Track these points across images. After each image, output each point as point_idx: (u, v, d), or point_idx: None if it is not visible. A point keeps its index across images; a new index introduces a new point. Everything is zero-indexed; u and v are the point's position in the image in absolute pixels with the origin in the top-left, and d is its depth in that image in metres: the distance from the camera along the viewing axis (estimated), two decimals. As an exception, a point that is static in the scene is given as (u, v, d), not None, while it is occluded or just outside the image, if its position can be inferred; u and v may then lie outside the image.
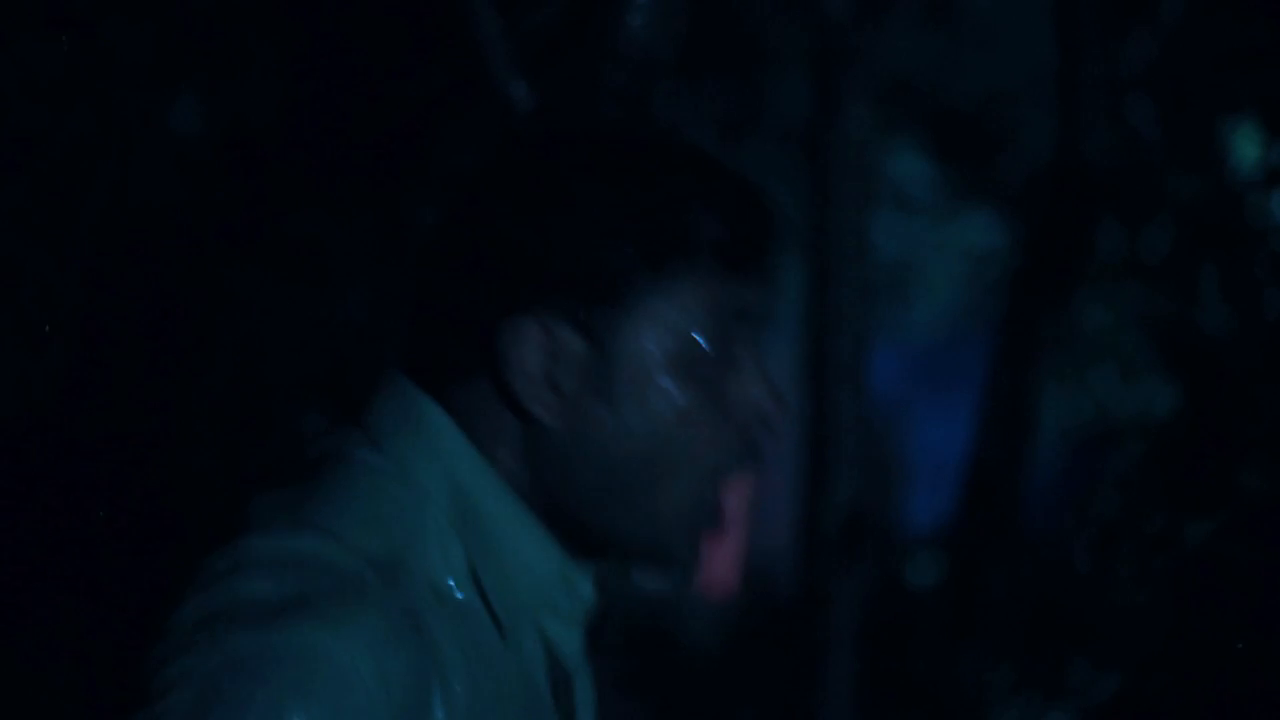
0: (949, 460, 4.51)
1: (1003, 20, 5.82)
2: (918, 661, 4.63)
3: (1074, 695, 4.04)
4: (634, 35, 2.43)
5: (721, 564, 7.28)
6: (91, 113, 3.81)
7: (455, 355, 1.63)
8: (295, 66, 3.96)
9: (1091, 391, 5.63)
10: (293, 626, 1.49)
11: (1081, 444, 6.01)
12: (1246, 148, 4.03)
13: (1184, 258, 4.03)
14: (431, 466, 1.62)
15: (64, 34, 3.77)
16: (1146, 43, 4.22)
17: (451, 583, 1.59)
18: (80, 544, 3.82)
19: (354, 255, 3.95)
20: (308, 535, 1.56)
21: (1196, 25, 4.13)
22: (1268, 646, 3.60)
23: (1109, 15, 4.15)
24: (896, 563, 5.87)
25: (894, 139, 5.80)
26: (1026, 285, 4.22)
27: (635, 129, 1.71)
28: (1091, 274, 4.32)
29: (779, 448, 1.71)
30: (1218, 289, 3.92)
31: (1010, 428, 4.20)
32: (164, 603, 1.55)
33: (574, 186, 1.62)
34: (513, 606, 1.60)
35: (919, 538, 6.06)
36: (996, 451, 4.21)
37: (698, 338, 1.63)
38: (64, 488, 3.84)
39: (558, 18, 2.68)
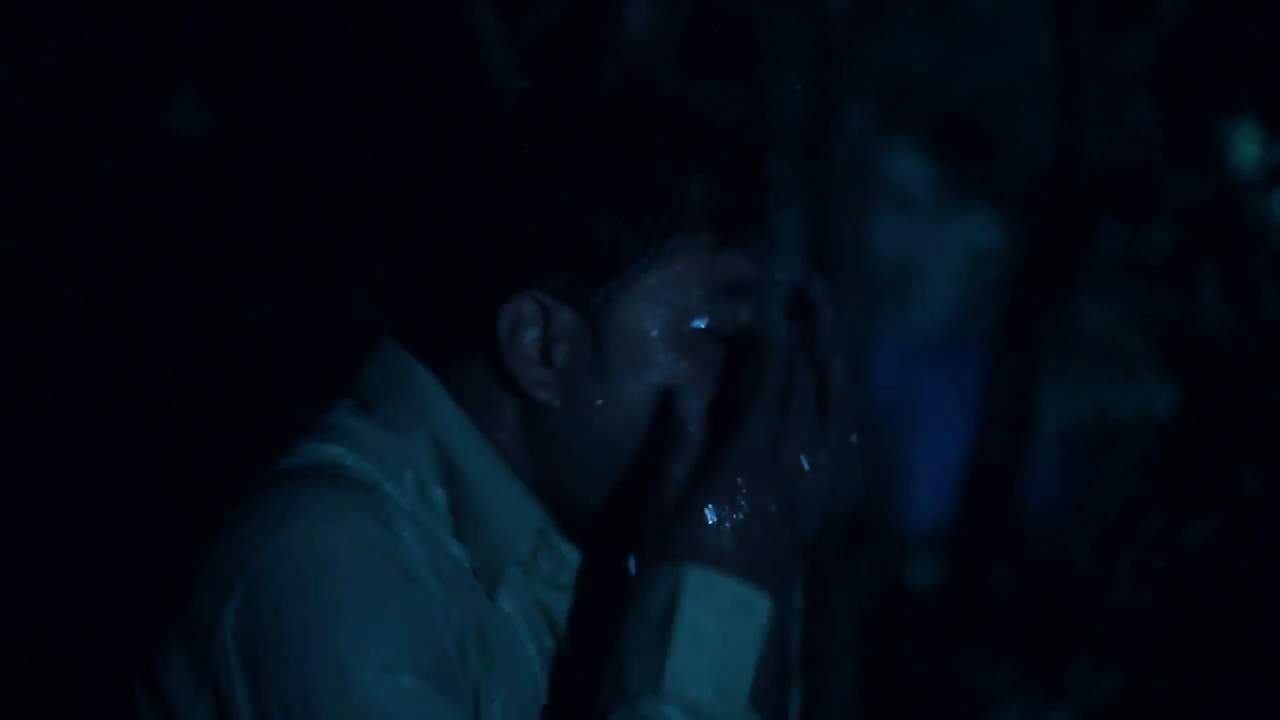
0: (949, 460, 4.51)
1: (1003, 20, 5.82)
2: (918, 661, 4.62)
3: (1074, 695, 4.04)
4: (634, 35, 2.42)
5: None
6: (91, 112, 3.81)
7: (454, 335, 1.61)
8: (296, 67, 3.96)
9: (1091, 391, 5.63)
10: (296, 529, 1.49)
11: (1081, 444, 6.01)
12: (1246, 148, 4.03)
13: (1184, 258, 4.02)
14: (417, 426, 1.60)
15: (63, 34, 3.77)
16: (1146, 43, 4.22)
17: (430, 518, 1.58)
18: (82, 544, 3.82)
19: (356, 255, 3.95)
20: (296, 458, 1.58)
21: (1196, 25, 4.13)
22: (1268, 646, 3.60)
23: (1109, 15, 4.15)
24: (896, 563, 5.86)
25: (894, 139, 5.80)
26: (1026, 285, 4.22)
27: (629, 95, 1.67)
28: (1091, 274, 4.32)
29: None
30: (1218, 289, 3.92)
31: (1010, 428, 4.20)
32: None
33: (565, 159, 1.57)
34: (488, 560, 1.58)
35: (919, 538, 6.06)
36: (996, 451, 4.21)
37: (696, 310, 1.59)
38: (66, 488, 3.84)
39: (558, 18, 2.68)
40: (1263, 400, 3.72)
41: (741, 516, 1.55)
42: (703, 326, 1.58)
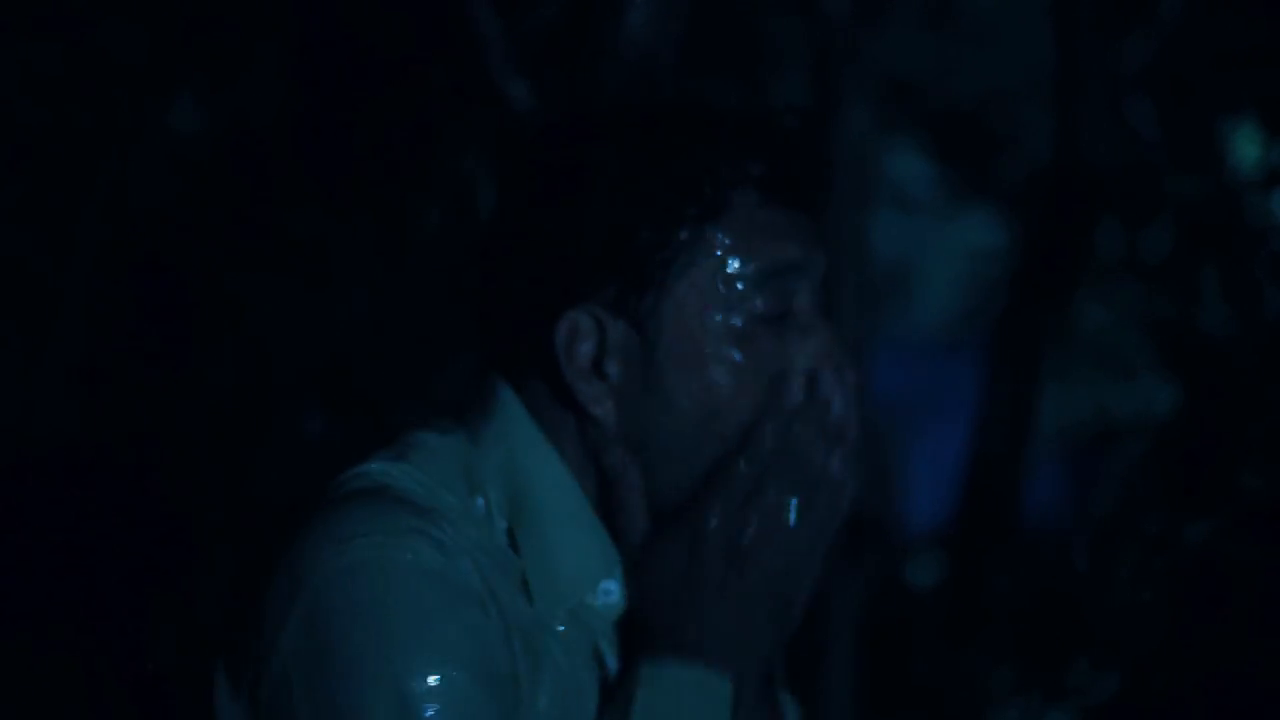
0: (949, 460, 4.51)
1: (1003, 20, 5.82)
2: (918, 661, 4.62)
3: (1074, 695, 4.04)
4: (634, 35, 2.42)
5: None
6: (91, 112, 3.81)
7: (521, 354, 1.61)
8: (295, 66, 3.96)
9: (1091, 391, 5.63)
10: (365, 545, 1.50)
11: (1081, 444, 6.01)
12: (1246, 148, 4.03)
13: (1184, 258, 4.02)
14: (497, 446, 1.60)
15: (63, 33, 3.77)
16: (1146, 43, 4.22)
17: (493, 546, 1.57)
18: (82, 544, 3.82)
19: (355, 255, 3.95)
20: (363, 477, 1.58)
21: (1196, 25, 4.12)
22: (1268, 646, 3.60)
23: (1109, 15, 4.15)
24: (896, 563, 5.86)
25: (894, 139, 5.80)
26: (1026, 285, 4.22)
27: (648, 100, 1.66)
28: (1091, 274, 4.32)
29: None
30: (1218, 289, 3.92)
31: (1010, 428, 4.20)
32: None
33: (590, 171, 1.58)
34: (551, 597, 1.57)
35: (919, 538, 6.06)
36: (996, 451, 4.21)
37: (744, 301, 1.56)
38: (65, 488, 3.84)
39: (558, 18, 2.68)
40: (1263, 400, 3.72)
41: (708, 588, 1.54)
42: (753, 319, 1.57)
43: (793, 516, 1.57)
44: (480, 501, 1.57)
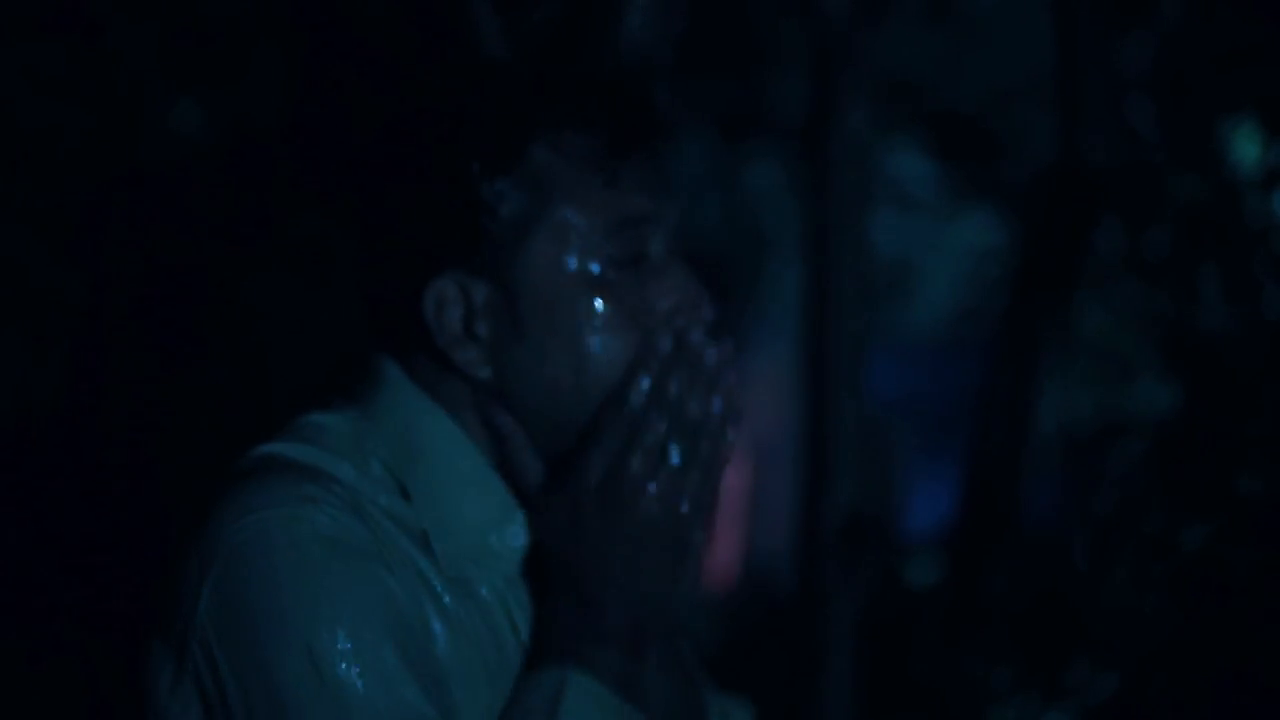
0: (949, 460, 4.51)
1: (1003, 20, 5.82)
2: (918, 661, 4.63)
3: (1074, 695, 4.04)
4: (634, 35, 2.42)
5: (720, 560, 7.28)
6: (94, 113, 3.82)
7: (401, 329, 1.66)
8: (296, 67, 3.97)
9: (1091, 391, 5.63)
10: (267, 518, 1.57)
11: (1081, 444, 6.01)
12: (1246, 148, 4.03)
13: (1184, 258, 4.03)
14: (389, 418, 1.66)
15: (69, 36, 3.77)
16: (1146, 43, 4.22)
17: (393, 506, 1.61)
18: (81, 543, 3.82)
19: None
20: (249, 457, 1.68)
21: (1196, 25, 4.13)
22: (1268, 646, 3.60)
23: (1109, 15, 4.15)
24: (896, 563, 5.87)
25: (894, 139, 5.80)
26: (1026, 285, 4.22)
27: (469, 65, 1.72)
28: (1091, 274, 4.32)
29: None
30: (1218, 289, 3.92)
31: (1010, 428, 4.20)
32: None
33: (428, 140, 1.67)
34: (450, 547, 1.62)
35: (919, 538, 6.06)
36: (996, 451, 4.21)
37: (596, 251, 1.61)
38: (64, 487, 3.85)
39: (558, 18, 2.68)
40: (1263, 400, 3.72)
41: (592, 536, 1.58)
42: (607, 265, 1.61)
43: (675, 458, 1.60)
44: (377, 468, 1.60)
